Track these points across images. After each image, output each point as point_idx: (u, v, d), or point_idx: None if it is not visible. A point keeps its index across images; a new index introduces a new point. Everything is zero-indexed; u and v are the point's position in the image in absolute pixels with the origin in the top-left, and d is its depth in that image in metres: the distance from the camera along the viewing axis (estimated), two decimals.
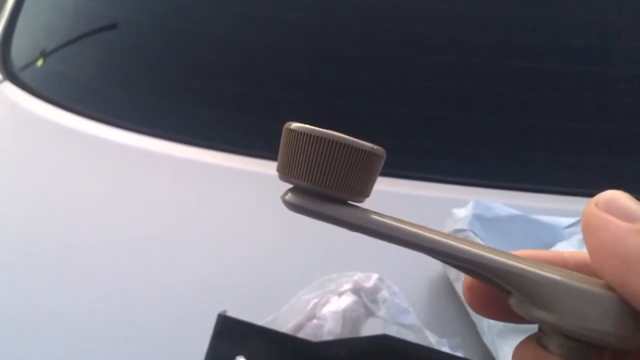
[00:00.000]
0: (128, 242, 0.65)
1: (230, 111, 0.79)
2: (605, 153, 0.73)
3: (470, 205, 0.59)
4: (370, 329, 0.52)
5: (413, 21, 0.80)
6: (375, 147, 0.24)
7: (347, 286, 0.53)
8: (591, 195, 0.65)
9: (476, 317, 0.55)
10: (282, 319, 0.52)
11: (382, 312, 0.52)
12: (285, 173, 0.25)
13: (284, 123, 0.25)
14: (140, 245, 0.65)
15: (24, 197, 0.73)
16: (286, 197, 0.25)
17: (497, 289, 0.24)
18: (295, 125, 0.24)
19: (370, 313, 0.53)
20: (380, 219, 0.24)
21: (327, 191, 0.24)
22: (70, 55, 0.92)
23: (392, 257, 0.61)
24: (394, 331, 0.52)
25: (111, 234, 0.66)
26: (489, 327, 0.53)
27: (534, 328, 0.25)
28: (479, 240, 0.55)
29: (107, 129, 0.79)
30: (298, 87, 0.80)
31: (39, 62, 0.93)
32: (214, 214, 0.69)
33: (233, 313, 0.51)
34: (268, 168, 0.72)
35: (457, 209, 0.60)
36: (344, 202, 0.25)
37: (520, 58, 0.77)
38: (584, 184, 0.69)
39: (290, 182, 0.25)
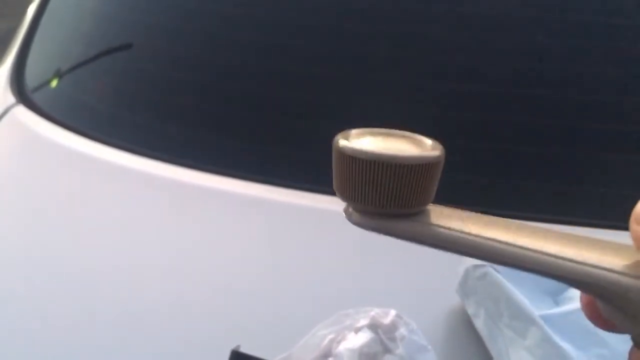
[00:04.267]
0: (140, 273, 0.64)
1: (248, 138, 0.78)
2: (627, 183, 0.71)
3: None
4: None
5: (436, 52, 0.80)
6: (436, 154, 0.23)
7: (364, 322, 0.52)
8: (614, 227, 0.63)
9: (497, 356, 0.53)
10: (296, 355, 0.51)
11: (399, 350, 0.51)
12: (343, 196, 0.24)
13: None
14: (152, 277, 0.64)
15: (34, 222, 0.72)
16: (351, 216, 0.25)
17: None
18: (343, 144, 0.23)
19: (387, 350, 0.51)
20: (443, 231, 0.23)
21: (390, 211, 0.23)
22: (83, 79, 0.92)
23: (410, 291, 0.60)
24: None
25: (121, 262, 0.65)
26: None
27: None
28: (499, 277, 0.54)
29: (119, 154, 0.78)
30: (316, 113, 0.79)
31: (54, 83, 0.93)
32: (228, 245, 0.68)
33: (246, 349, 0.50)
34: (286, 197, 0.71)
35: None
36: (409, 215, 0.24)
37: (533, 86, 0.76)
38: (606, 215, 0.67)
39: (350, 205, 0.24)
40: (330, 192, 0.72)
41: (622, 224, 0.63)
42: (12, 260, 0.67)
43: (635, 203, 0.23)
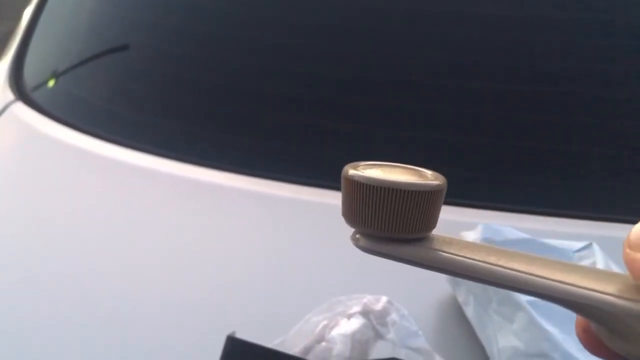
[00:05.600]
0: (137, 263, 0.65)
1: (242, 132, 0.80)
2: (616, 176, 0.72)
3: (479, 229, 0.59)
4: (379, 352, 0.51)
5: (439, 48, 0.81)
6: (438, 182, 0.24)
7: (356, 308, 0.53)
8: (601, 219, 0.64)
9: (486, 341, 0.55)
10: (290, 341, 0.52)
11: (391, 335, 0.52)
12: (351, 221, 0.25)
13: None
14: (149, 266, 0.65)
15: (34, 218, 0.73)
16: (358, 242, 0.26)
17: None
18: (352, 173, 0.25)
19: (379, 336, 0.52)
20: (446, 255, 0.25)
21: (395, 235, 0.24)
22: (82, 76, 0.93)
23: (401, 279, 0.61)
24: (403, 354, 0.51)
25: (120, 254, 0.67)
26: (498, 351, 0.52)
27: None
28: None
29: (117, 150, 0.80)
30: (310, 108, 0.80)
31: (51, 83, 0.94)
32: (223, 235, 0.69)
33: (242, 335, 0.51)
34: (278, 190, 0.72)
35: (466, 232, 0.60)
36: (414, 240, 0.25)
37: (528, 82, 0.78)
38: (594, 207, 0.69)
39: (357, 230, 0.26)
40: (324, 186, 0.74)
41: (619, 217, 0.65)
42: (11, 257, 0.68)
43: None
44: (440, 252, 0.25)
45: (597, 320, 0.23)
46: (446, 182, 0.25)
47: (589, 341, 0.25)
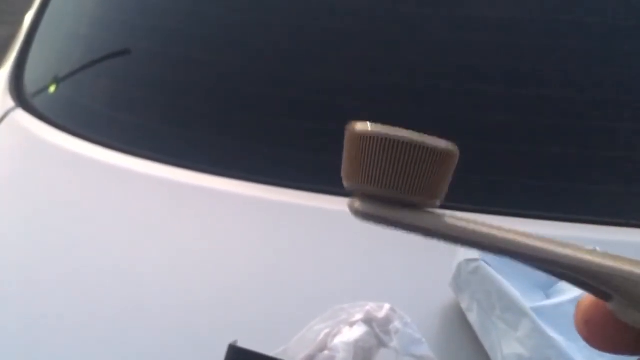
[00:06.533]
0: (139, 271, 0.65)
1: (245, 138, 0.80)
2: (619, 179, 0.72)
3: None
4: None
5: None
6: (450, 145, 0.23)
7: (359, 316, 0.53)
8: (604, 223, 0.64)
9: (490, 348, 0.54)
10: (293, 349, 0.52)
11: (394, 343, 0.52)
12: (352, 179, 0.23)
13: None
14: (152, 275, 0.65)
15: (35, 224, 0.73)
16: (356, 205, 0.23)
17: (595, 293, 0.23)
18: (361, 126, 0.23)
19: (382, 344, 0.52)
20: (454, 221, 0.23)
21: (400, 196, 0.22)
22: (83, 82, 0.93)
23: (404, 286, 0.61)
24: None
25: (122, 262, 0.66)
26: (503, 359, 0.52)
27: None
28: (492, 270, 0.55)
29: (118, 156, 0.79)
30: (313, 114, 0.80)
31: (52, 88, 0.94)
32: (224, 241, 0.69)
33: (244, 343, 0.51)
34: (280, 196, 0.72)
35: None
36: (418, 207, 0.23)
37: (528, 85, 0.78)
38: (597, 211, 0.68)
39: (358, 189, 0.23)
40: (326, 192, 0.74)
41: (623, 221, 0.64)
42: (12, 263, 0.68)
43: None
44: (447, 218, 0.23)
45: (620, 293, 0.22)
46: (458, 152, 0.23)
47: (591, 334, 0.24)
